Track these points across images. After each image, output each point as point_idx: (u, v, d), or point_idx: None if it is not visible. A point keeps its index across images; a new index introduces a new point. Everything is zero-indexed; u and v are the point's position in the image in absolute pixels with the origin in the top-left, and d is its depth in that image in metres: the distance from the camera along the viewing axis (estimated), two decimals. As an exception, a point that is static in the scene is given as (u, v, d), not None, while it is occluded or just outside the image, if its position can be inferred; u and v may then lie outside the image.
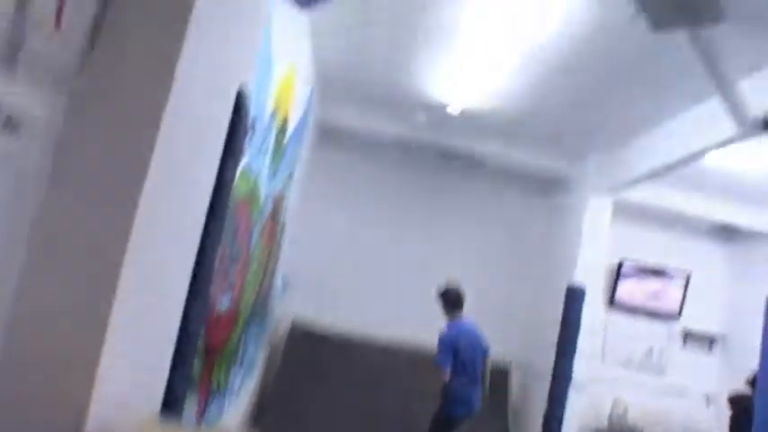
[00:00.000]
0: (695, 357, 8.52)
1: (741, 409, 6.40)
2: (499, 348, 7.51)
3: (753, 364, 4.66)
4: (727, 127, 4.28)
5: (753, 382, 6.05)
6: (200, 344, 3.31)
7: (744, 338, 7.53)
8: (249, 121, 3.02)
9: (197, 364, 3.40)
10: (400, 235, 7.79)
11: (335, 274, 7.54)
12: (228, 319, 4.12)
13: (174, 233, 1.85)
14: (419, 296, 6.70)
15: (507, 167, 7.51)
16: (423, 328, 6.52)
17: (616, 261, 8.16)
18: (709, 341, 8.57)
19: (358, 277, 7.57)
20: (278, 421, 6.33)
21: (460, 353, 5.41)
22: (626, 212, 7.65)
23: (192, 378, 3.32)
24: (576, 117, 6.04)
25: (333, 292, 7.44)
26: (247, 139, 3.52)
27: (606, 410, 7.83)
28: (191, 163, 1.89)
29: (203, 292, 2.17)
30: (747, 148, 4.92)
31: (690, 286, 8.37)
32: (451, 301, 5.62)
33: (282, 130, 4.84)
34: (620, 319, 8.34)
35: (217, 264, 3.27)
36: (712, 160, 5.68)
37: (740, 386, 6.56)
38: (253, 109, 3.39)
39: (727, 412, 7.09)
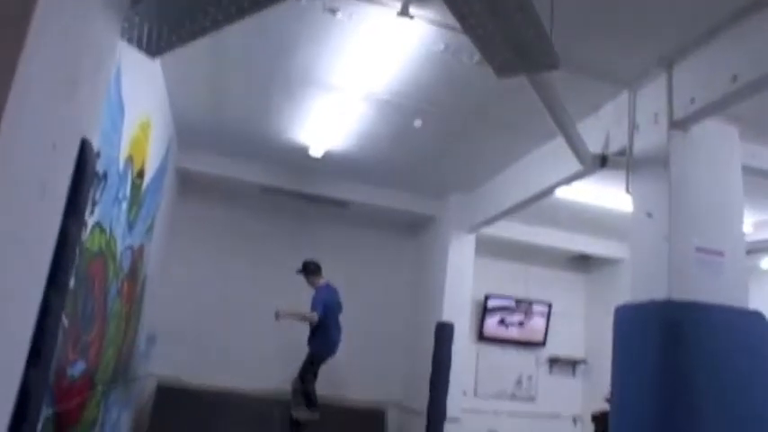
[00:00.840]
0: (561, 382, 8.99)
1: (603, 424, 6.83)
2: (375, 389, 7.57)
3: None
4: (572, 164, 4.62)
5: (609, 399, 6.54)
6: (49, 416, 3.05)
7: (602, 359, 8.06)
8: (95, 173, 2.85)
9: (46, 440, 3.11)
10: (267, 281, 7.61)
11: (202, 325, 7.22)
12: (83, 383, 3.81)
13: (6, 298, 1.69)
14: (290, 344, 6.62)
15: (372, 208, 7.62)
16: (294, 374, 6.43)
17: (482, 295, 8.48)
18: (572, 365, 9.09)
19: (225, 327, 7.30)
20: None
21: (328, 307, 6.49)
22: (489, 248, 8.01)
23: (41, 455, 3.03)
24: (434, 159, 6.29)
25: (200, 345, 7.12)
26: (98, 191, 3.34)
27: (483, 442, 8.02)
28: (26, 223, 1.74)
29: (45, 361, 1.99)
30: (592, 183, 5.35)
31: (552, 315, 8.88)
32: (312, 270, 6.77)
33: (139, 177, 4.64)
34: (489, 351, 8.64)
35: (66, 326, 3.04)
36: (564, 195, 6.11)
37: (601, 404, 7.00)
38: (103, 158, 3.23)
39: (591, 429, 7.55)
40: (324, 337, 6.51)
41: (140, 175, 4.66)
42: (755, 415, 3.37)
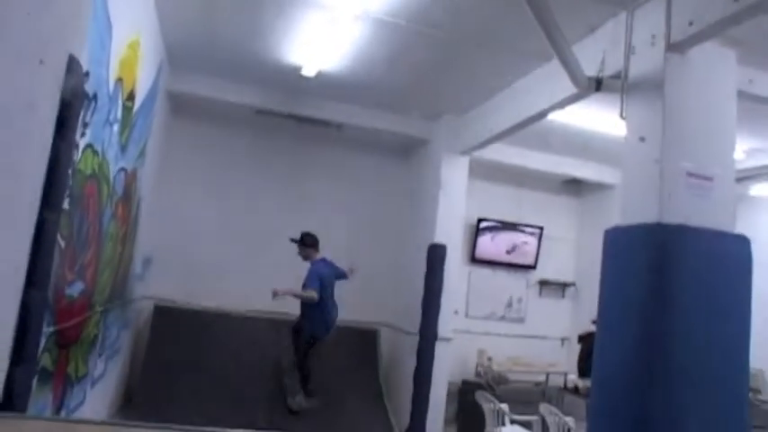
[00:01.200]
0: (551, 304, 9.22)
1: (588, 344, 7.07)
2: (368, 310, 7.75)
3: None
4: (566, 87, 4.57)
5: (596, 321, 6.74)
6: (50, 334, 3.13)
7: (591, 282, 8.23)
8: (85, 93, 2.82)
9: (48, 356, 3.21)
10: (261, 204, 7.67)
11: (197, 248, 7.31)
12: (82, 304, 3.90)
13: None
14: (284, 265, 6.69)
15: (365, 130, 7.55)
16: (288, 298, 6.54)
17: (475, 218, 8.56)
18: (562, 288, 9.30)
19: (220, 250, 7.39)
20: (148, 403, 6.13)
21: (324, 282, 6.29)
22: (482, 171, 8.04)
23: (44, 370, 3.13)
24: (429, 80, 6.18)
25: (196, 267, 7.22)
26: (88, 112, 3.31)
27: (473, 361, 8.29)
28: (16, 139, 1.74)
29: (43, 282, 2.03)
30: (586, 107, 5.32)
31: (543, 238, 9.00)
32: (309, 242, 6.49)
33: (130, 100, 4.58)
34: (481, 273, 8.81)
35: (63, 247, 3.08)
36: (558, 119, 6.07)
37: (588, 326, 7.23)
38: (92, 79, 3.18)
39: (577, 349, 7.81)
40: (320, 314, 6.36)
41: (131, 97, 4.60)
42: (734, 333, 3.49)
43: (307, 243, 6.49)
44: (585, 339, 7.35)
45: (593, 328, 6.80)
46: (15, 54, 1.64)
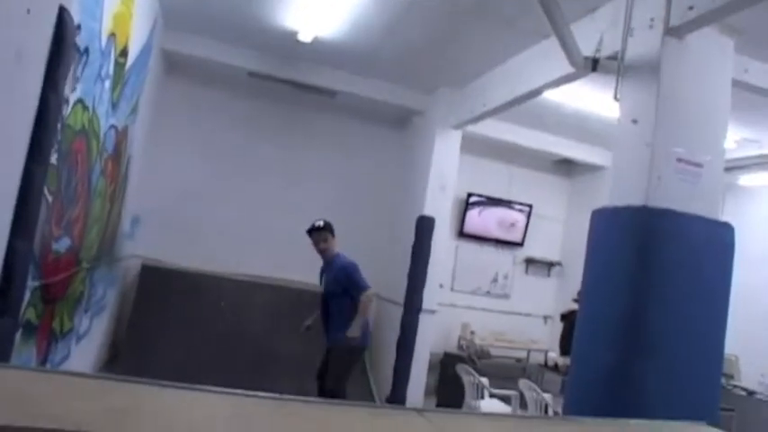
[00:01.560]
0: (536, 282, 9.31)
1: (570, 322, 7.17)
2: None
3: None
4: (562, 66, 4.56)
5: (578, 299, 6.84)
6: (35, 288, 3.13)
7: (577, 262, 8.31)
8: (76, 46, 2.78)
9: (33, 310, 3.22)
10: (252, 167, 7.64)
11: (187, 208, 7.29)
12: (69, 260, 3.90)
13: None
14: (273, 231, 6.68)
15: (360, 99, 7.50)
16: (278, 264, 6.55)
17: (465, 193, 8.58)
18: (548, 267, 9.38)
19: (210, 212, 7.38)
20: (133, 359, 6.19)
21: None
22: (474, 147, 8.04)
23: (29, 324, 3.15)
24: (426, 52, 6.14)
25: (185, 228, 7.22)
26: (79, 66, 3.27)
27: (456, 334, 8.39)
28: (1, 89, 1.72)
29: (28, 234, 2.03)
30: (581, 86, 5.31)
31: (532, 216, 9.05)
32: (333, 230, 5.35)
33: (123, 56, 4.53)
34: (468, 248, 8.86)
35: (50, 202, 3.07)
36: (552, 97, 6.07)
37: (570, 305, 7.32)
38: (84, 32, 3.14)
39: (559, 328, 7.92)
40: (363, 321, 5.06)
41: (124, 53, 4.54)
42: (712, 317, 3.55)
43: (331, 230, 5.30)
44: (567, 318, 7.45)
45: (574, 306, 6.92)
46: (2, 2, 1.61)
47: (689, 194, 3.62)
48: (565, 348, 7.41)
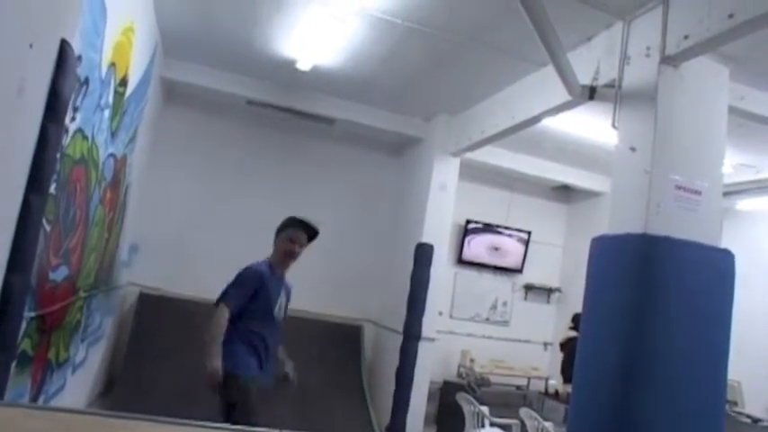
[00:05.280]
0: (535, 308, 9.26)
1: (569, 350, 7.15)
2: (352, 306, 7.76)
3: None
4: (560, 94, 4.60)
5: (574, 321, 7.04)
6: (31, 319, 3.10)
7: (576, 288, 8.28)
8: (77, 77, 2.79)
9: (29, 341, 3.19)
10: (249, 195, 7.62)
11: (185, 236, 7.26)
12: (66, 289, 3.87)
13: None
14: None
15: (358, 126, 7.54)
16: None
17: (463, 220, 8.58)
18: (547, 293, 9.34)
19: (208, 240, 7.34)
20: (129, 390, 6.10)
21: None
22: (473, 173, 8.06)
23: (24, 354, 3.11)
24: (423, 80, 6.20)
25: (183, 256, 7.19)
26: (80, 96, 3.28)
27: (455, 362, 8.32)
28: (3, 122, 1.72)
29: (25, 267, 2.01)
30: (579, 114, 5.34)
31: (531, 243, 9.03)
32: None
33: (122, 85, 4.56)
34: (467, 275, 8.83)
35: (48, 231, 3.06)
36: (550, 124, 6.10)
37: (566, 332, 7.30)
38: (84, 63, 3.16)
39: (559, 355, 7.85)
40: None
41: (123, 83, 4.57)
42: (715, 344, 3.53)
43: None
44: (566, 345, 7.40)
45: (571, 333, 6.90)
46: (5, 37, 1.62)
47: (688, 221, 3.62)
48: (567, 376, 7.35)
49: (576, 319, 7.40)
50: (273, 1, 4.92)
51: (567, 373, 7.33)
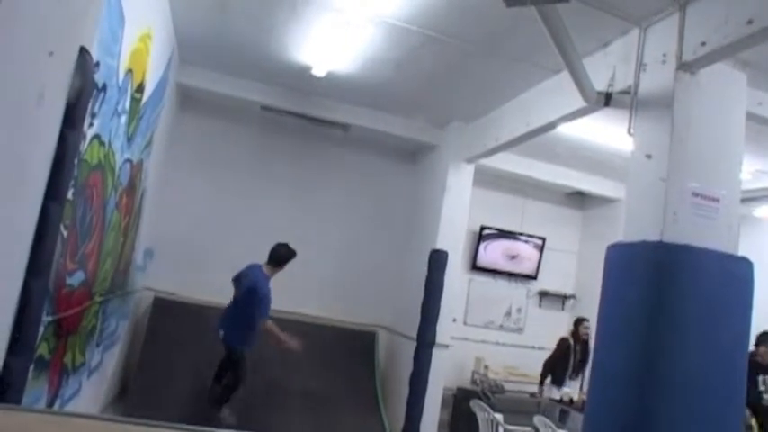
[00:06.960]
0: (550, 315, 9.19)
1: (561, 349, 7.39)
2: (366, 312, 7.75)
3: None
4: (575, 101, 4.57)
5: (575, 325, 7.44)
6: (48, 323, 3.13)
7: (591, 295, 8.23)
8: (94, 83, 2.82)
9: (46, 345, 3.22)
10: (264, 200, 7.66)
11: (200, 241, 7.30)
12: (82, 293, 3.90)
13: (5, 205, 1.71)
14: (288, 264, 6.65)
15: (372, 133, 7.56)
16: (291, 297, 6.52)
17: (478, 226, 8.55)
18: (562, 300, 9.28)
19: (223, 244, 7.36)
20: (144, 394, 6.13)
21: None
22: (487, 180, 8.05)
23: (40, 359, 3.14)
24: (438, 87, 6.20)
25: (198, 261, 7.22)
26: (97, 102, 3.31)
27: (469, 369, 8.28)
28: (24, 131, 1.74)
29: (44, 272, 2.03)
30: (595, 121, 5.31)
31: (545, 249, 8.99)
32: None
33: (139, 91, 4.59)
34: (481, 281, 8.79)
35: (65, 237, 3.09)
36: (565, 131, 6.07)
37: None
38: (102, 69, 3.19)
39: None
40: None
41: (140, 89, 4.61)
42: (733, 354, 3.48)
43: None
44: (560, 345, 7.43)
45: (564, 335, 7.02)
46: (26, 46, 1.64)
47: (705, 229, 3.58)
48: (546, 373, 7.33)
49: (576, 323, 7.40)
50: (289, 8, 4.94)
51: (548, 369, 7.32)
